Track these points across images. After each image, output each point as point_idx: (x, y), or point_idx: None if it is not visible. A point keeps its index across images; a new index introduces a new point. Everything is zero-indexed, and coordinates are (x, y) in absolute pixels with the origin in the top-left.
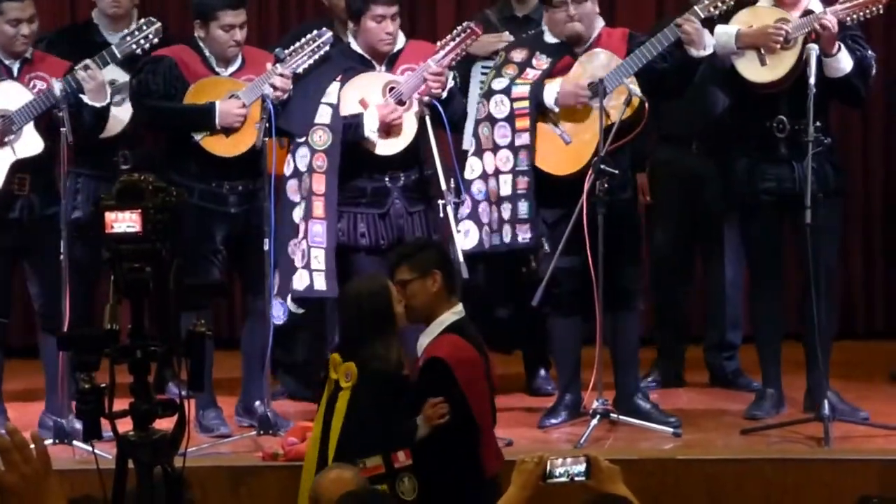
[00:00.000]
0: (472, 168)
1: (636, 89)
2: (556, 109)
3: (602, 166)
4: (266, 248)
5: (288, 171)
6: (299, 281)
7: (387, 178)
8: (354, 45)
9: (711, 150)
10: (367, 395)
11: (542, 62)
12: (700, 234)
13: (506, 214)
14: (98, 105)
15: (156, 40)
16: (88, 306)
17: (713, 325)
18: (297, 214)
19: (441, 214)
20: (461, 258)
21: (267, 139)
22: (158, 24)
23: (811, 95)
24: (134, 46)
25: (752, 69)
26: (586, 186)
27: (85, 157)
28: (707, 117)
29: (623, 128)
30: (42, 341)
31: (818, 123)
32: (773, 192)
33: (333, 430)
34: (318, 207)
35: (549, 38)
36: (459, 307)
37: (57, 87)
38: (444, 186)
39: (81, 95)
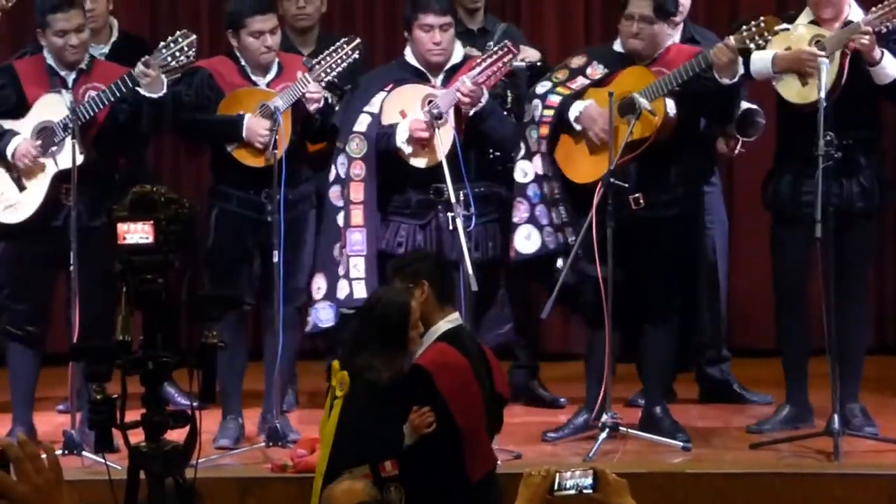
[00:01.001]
0: (525, 172)
1: (645, 102)
2: (577, 127)
3: (612, 180)
4: (275, 259)
5: (331, 176)
6: (341, 290)
7: (431, 192)
8: (409, 57)
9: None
10: (356, 406)
11: (596, 71)
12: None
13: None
14: (155, 96)
15: (191, 52)
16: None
17: (714, 339)
18: (341, 219)
19: (451, 227)
20: (471, 271)
21: (276, 152)
22: (193, 37)
23: (821, 109)
24: (169, 59)
25: (792, 91)
26: (595, 200)
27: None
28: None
29: (637, 143)
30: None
31: (862, 135)
32: (814, 207)
33: (327, 440)
34: (357, 216)
35: (617, 47)
36: (454, 316)
37: (67, 100)
38: (453, 199)
39: (139, 90)
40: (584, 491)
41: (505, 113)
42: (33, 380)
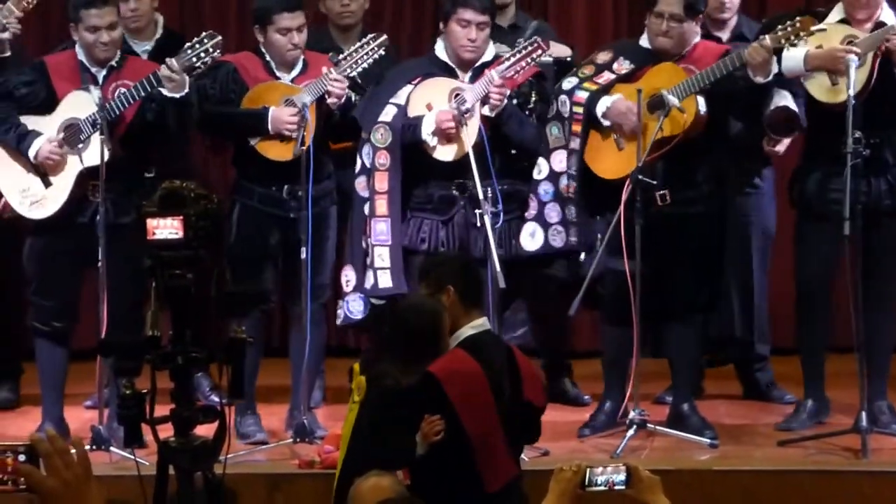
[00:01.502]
0: (540, 169)
1: (675, 100)
2: (605, 123)
3: (640, 177)
4: (303, 256)
5: (357, 167)
6: (367, 280)
7: (454, 187)
8: (440, 52)
9: (738, 158)
10: (370, 412)
11: (622, 67)
12: (728, 245)
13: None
14: (177, 96)
15: (216, 54)
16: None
17: (746, 339)
18: (367, 209)
19: (479, 224)
20: (498, 268)
21: (304, 148)
22: (219, 38)
23: (850, 106)
24: (194, 60)
25: (822, 90)
26: (624, 196)
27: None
28: (733, 125)
29: (665, 140)
30: None
31: (890, 134)
32: (843, 205)
33: (344, 443)
34: (382, 205)
35: (644, 42)
36: (480, 321)
37: (95, 96)
38: (481, 196)
39: (162, 90)
40: (617, 487)
41: (527, 113)
42: (62, 375)
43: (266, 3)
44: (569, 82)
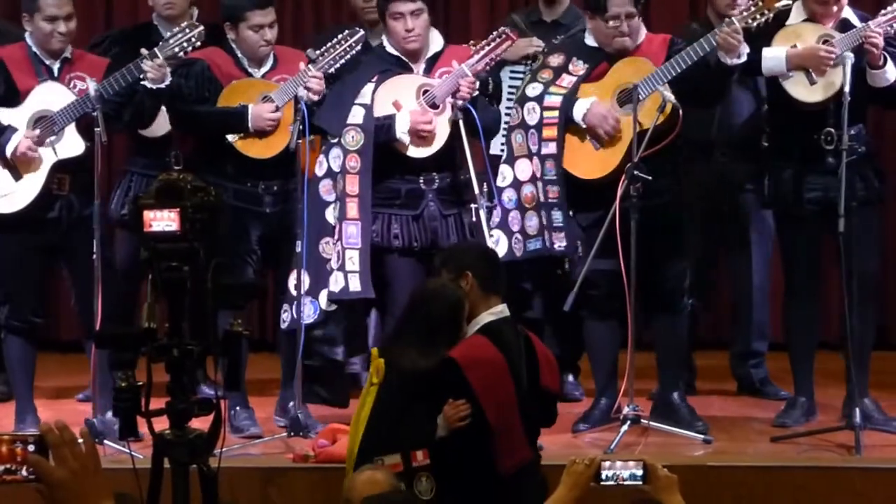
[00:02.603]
0: (504, 176)
1: (670, 95)
2: (583, 125)
3: (635, 172)
4: (298, 249)
5: (320, 171)
6: (335, 283)
7: (421, 181)
8: (389, 48)
9: (738, 156)
10: (389, 393)
11: (578, 68)
12: (726, 241)
13: (544, 220)
14: (155, 87)
15: (198, 43)
16: (132, 306)
17: (741, 334)
18: (331, 214)
19: (474, 219)
20: None
21: (300, 140)
22: (201, 28)
23: (846, 103)
24: (177, 49)
25: (801, 89)
26: (619, 191)
27: (138, 155)
28: (732, 123)
29: (656, 134)
30: (87, 344)
31: (856, 130)
32: (819, 202)
33: (359, 426)
34: (353, 209)
35: (590, 42)
36: (500, 307)
37: (92, 88)
38: (477, 191)
39: (145, 83)
40: (633, 482)
41: (486, 99)
42: (33, 370)
43: (237, 1)
44: (533, 88)
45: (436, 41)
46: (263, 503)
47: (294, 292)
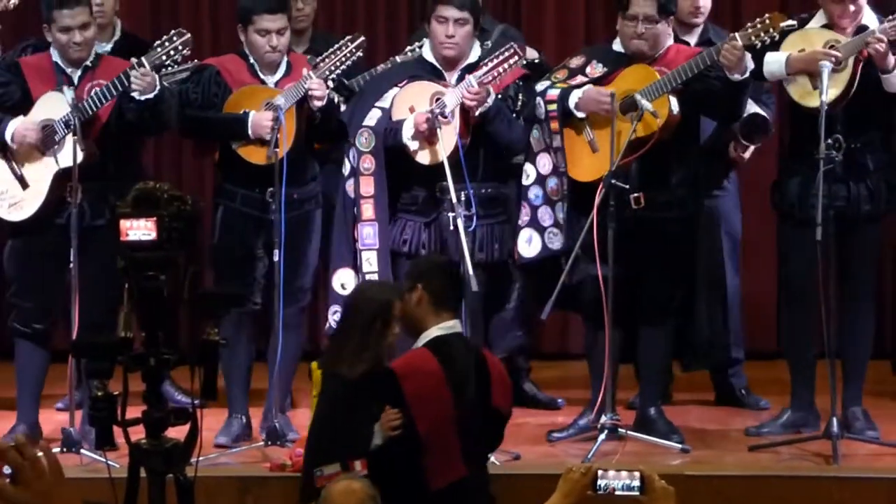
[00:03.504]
0: (527, 174)
1: (648, 105)
2: (579, 114)
3: (613, 181)
4: (276, 259)
5: (346, 171)
6: (352, 284)
7: (436, 189)
8: (426, 53)
9: (707, 162)
10: (326, 401)
11: (596, 70)
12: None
13: (560, 214)
14: (148, 97)
15: (185, 51)
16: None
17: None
18: (355, 213)
19: (451, 227)
20: (471, 272)
21: (277, 150)
22: (188, 36)
23: (823, 113)
24: (164, 58)
25: (804, 94)
26: (597, 200)
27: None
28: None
29: (639, 143)
30: None
31: (871, 138)
32: (824, 210)
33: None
34: (368, 209)
35: (616, 46)
36: (450, 323)
37: (68, 97)
38: (454, 199)
39: (134, 94)
40: (629, 493)
41: (514, 115)
42: (41, 378)
43: (248, 3)
44: (541, 84)
45: (473, 52)
46: None
47: (341, 292)
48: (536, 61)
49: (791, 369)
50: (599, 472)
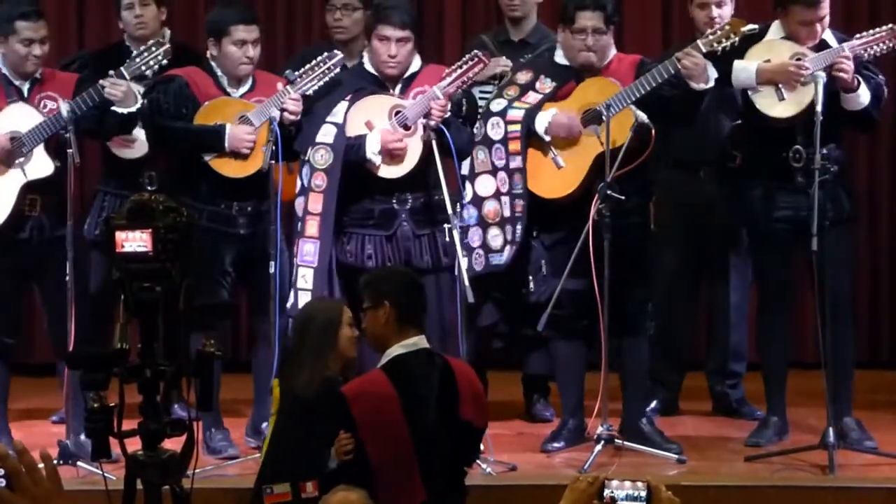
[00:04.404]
0: (464, 193)
1: (643, 116)
2: (547, 138)
3: (608, 192)
4: (272, 270)
5: (297, 187)
6: (289, 300)
7: (394, 201)
8: (368, 66)
9: (719, 175)
10: (282, 421)
11: (545, 86)
12: (707, 260)
13: (509, 235)
14: (126, 111)
15: (164, 61)
16: (107, 328)
17: (717, 352)
18: (298, 229)
19: (448, 238)
20: (466, 282)
21: (273, 162)
22: (167, 46)
23: (818, 122)
24: (143, 68)
25: (770, 104)
26: (592, 211)
27: (111, 176)
28: (715, 143)
29: (628, 154)
30: (59, 366)
31: (828, 150)
32: (789, 221)
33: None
34: (313, 226)
35: (560, 59)
36: (413, 340)
37: (64, 108)
38: (450, 210)
39: (115, 108)
40: (637, 503)
41: (461, 121)
42: (6, 392)
43: (222, 16)
44: (497, 104)
45: (414, 62)
46: None
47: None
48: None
49: (767, 379)
50: (606, 482)
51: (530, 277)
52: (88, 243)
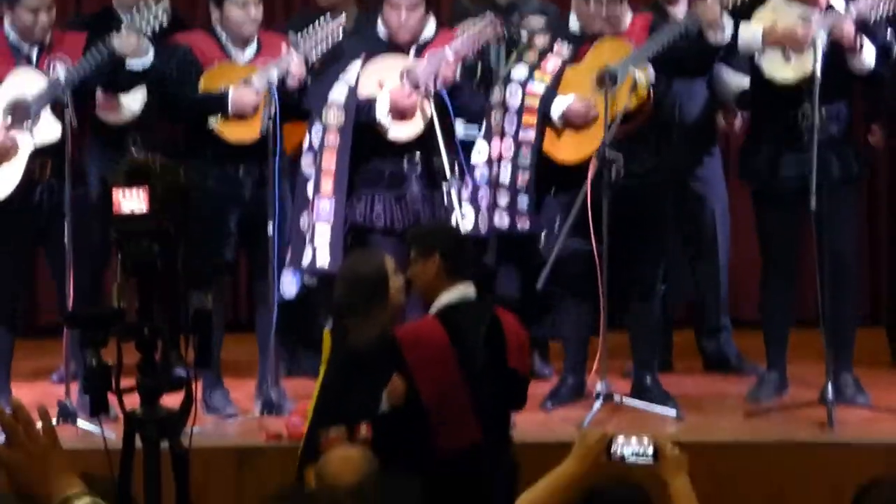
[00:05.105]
0: (479, 151)
1: (642, 77)
2: (559, 125)
3: (606, 154)
4: (270, 233)
5: (305, 145)
6: (305, 257)
7: (405, 162)
8: (381, 30)
9: (695, 138)
10: (334, 368)
11: (562, 49)
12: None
13: (502, 201)
14: (139, 64)
15: (164, 19)
16: (100, 288)
17: (709, 311)
18: (310, 189)
19: (447, 199)
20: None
21: (271, 126)
22: (166, 2)
23: (816, 83)
24: (143, 25)
25: (777, 67)
26: (590, 173)
27: (96, 140)
28: (691, 107)
29: (632, 115)
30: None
31: (836, 108)
32: (796, 180)
33: (312, 403)
34: (327, 184)
35: (574, 26)
36: (462, 289)
37: (61, 73)
38: (447, 170)
39: (128, 63)
40: (645, 459)
41: (474, 84)
42: (9, 354)
43: None
44: (519, 71)
45: (428, 27)
46: (237, 482)
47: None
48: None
49: (768, 336)
50: (615, 439)
51: (543, 233)
52: (92, 205)
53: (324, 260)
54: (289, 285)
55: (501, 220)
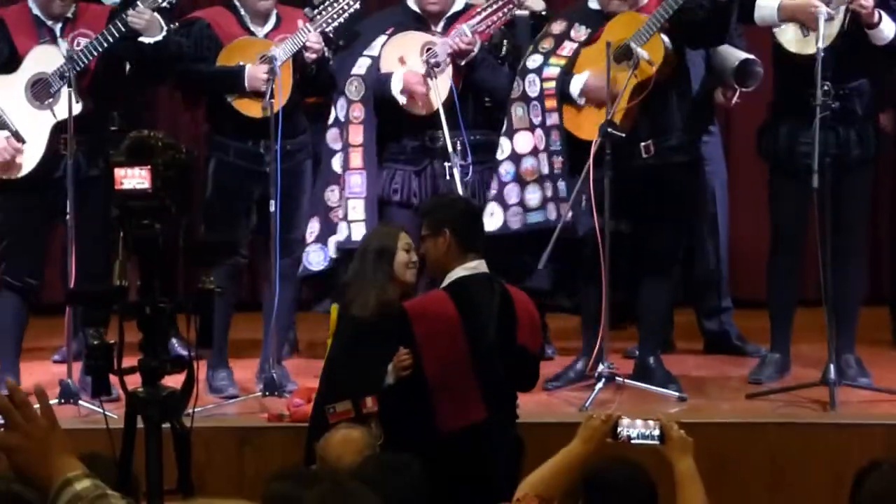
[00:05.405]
0: (502, 149)
1: (643, 52)
2: (581, 101)
3: (609, 129)
4: (272, 209)
5: (330, 119)
6: (340, 232)
7: (427, 138)
8: (411, 2)
9: (693, 114)
10: (341, 341)
11: (580, 33)
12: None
13: (549, 192)
14: (153, 40)
15: None
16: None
17: (710, 290)
18: (337, 162)
19: (448, 177)
20: None
21: (273, 101)
22: None
23: (819, 58)
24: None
25: (793, 41)
26: (593, 150)
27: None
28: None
29: (641, 87)
30: None
31: (858, 85)
32: (820, 158)
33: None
34: (356, 158)
35: (594, 5)
36: (474, 263)
37: (64, 50)
38: (450, 148)
39: (141, 39)
40: (651, 441)
41: (500, 62)
42: (22, 332)
43: None
44: (534, 61)
45: (459, 1)
46: (238, 462)
47: (309, 239)
48: (543, 13)
49: (773, 316)
50: (620, 421)
51: (570, 211)
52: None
53: (359, 235)
54: (315, 258)
55: (548, 213)
